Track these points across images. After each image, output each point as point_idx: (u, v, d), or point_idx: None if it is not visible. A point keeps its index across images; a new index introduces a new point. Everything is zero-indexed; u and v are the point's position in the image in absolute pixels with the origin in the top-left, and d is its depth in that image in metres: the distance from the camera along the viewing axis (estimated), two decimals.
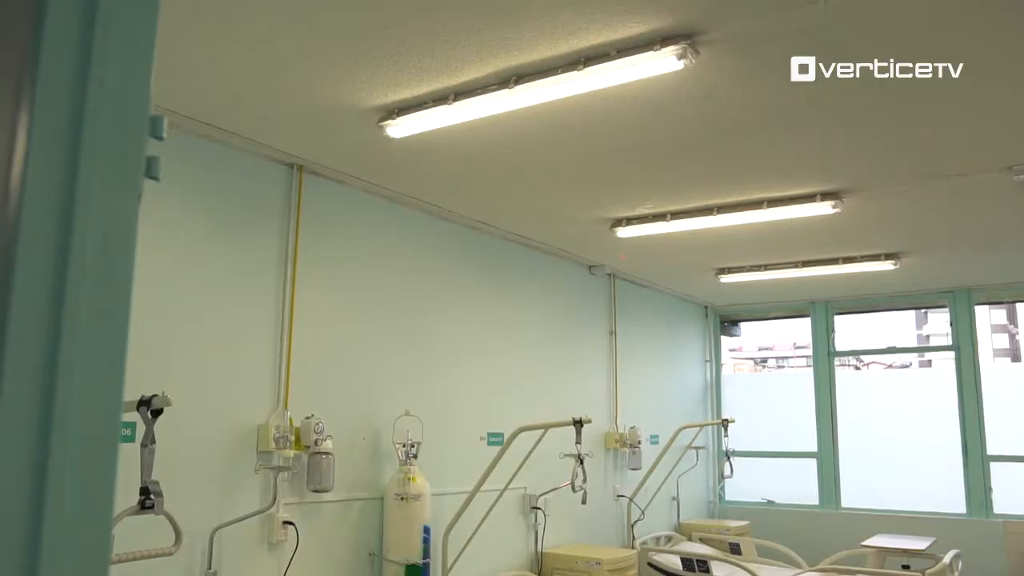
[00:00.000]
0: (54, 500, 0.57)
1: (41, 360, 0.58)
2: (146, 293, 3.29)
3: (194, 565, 3.39)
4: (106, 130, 0.65)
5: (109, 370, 0.63)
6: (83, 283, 0.62)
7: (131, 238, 0.67)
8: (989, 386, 7.09)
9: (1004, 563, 6.66)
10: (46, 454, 0.57)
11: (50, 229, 0.61)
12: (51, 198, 0.61)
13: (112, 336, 0.64)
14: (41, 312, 0.59)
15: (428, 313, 4.77)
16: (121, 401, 0.63)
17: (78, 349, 0.60)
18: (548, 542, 5.51)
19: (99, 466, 0.61)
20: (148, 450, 2.68)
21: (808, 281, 6.82)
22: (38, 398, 0.57)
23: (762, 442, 8.01)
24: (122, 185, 0.66)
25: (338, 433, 3.99)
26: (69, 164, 0.63)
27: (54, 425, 0.58)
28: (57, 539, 0.56)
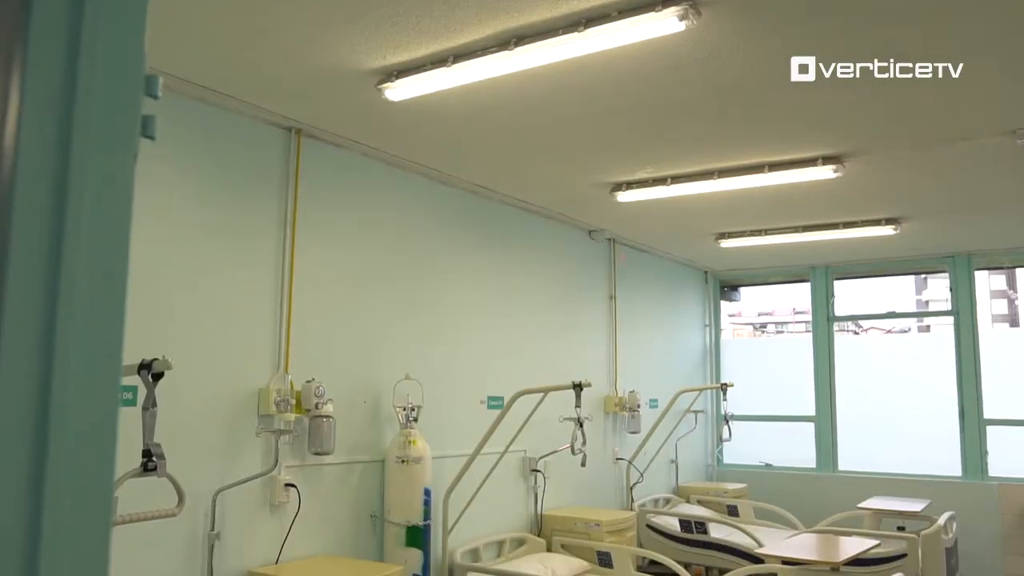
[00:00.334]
0: (55, 464, 0.57)
1: (39, 324, 0.58)
2: (146, 258, 3.29)
3: (197, 527, 3.43)
4: (100, 88, 0.64)
5: (108, 332, 0.63)
6: (80, 244, 0.62)
7: (128, 197, 0.67)
8: (987, 351, 7.12)
9: (998, 525, 6.74)
10: (46, 417, 0.57)
11: (45, 189, 0.61)
12: (46, 157, 0.61)
13: (110, 297, 0.64)
14: (38, 275, 0.59)
15: (428, 277, 4.77)
16: (120, 364, 0.64)
17: (76, 311, 0.60)
18: (548, 504, 5.57)
19: (99, 429, 0.61)
20: (149, 413, 2.70)
21: (808, 246, 6.81)
22: (36, 362, 0.58)
23: (760, 406, 8.06)
24: (118, 144, 0.66)
25: (338, 397, 4.01)
26: (63, 123, 0.62)
27: (53, 389, 0.58)
28: (59, 501, 0.57)
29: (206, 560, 3.44)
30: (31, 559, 0.55)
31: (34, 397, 0.57)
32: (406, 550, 4.13)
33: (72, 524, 0.58)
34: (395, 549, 4.14)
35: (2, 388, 0.55)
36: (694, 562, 5.84)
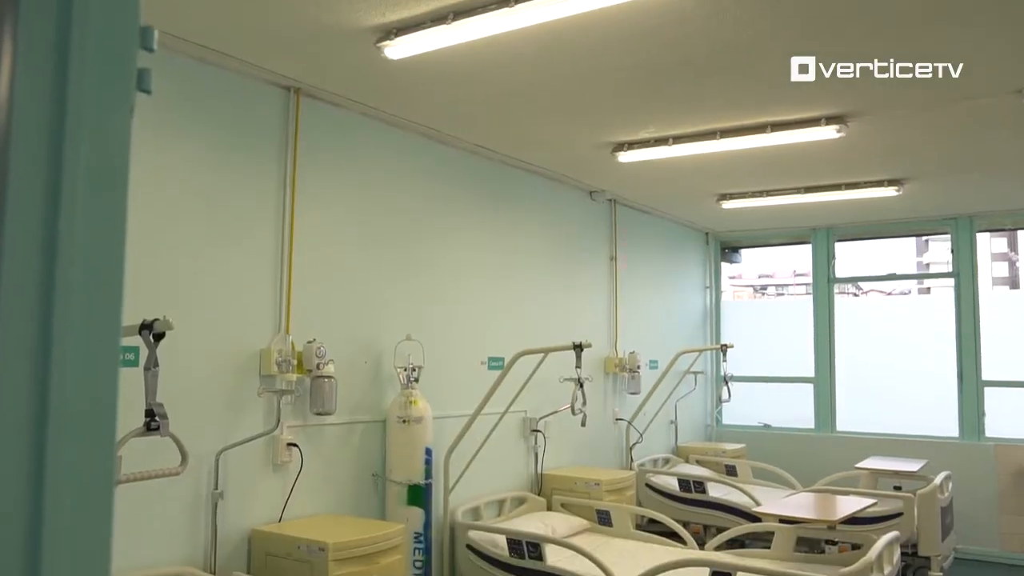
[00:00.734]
0: (57, 422, 0.57)
1: (37, 283, 0.58)
2: (146, 219, 3.28)
3: (201, 485, 3.46)
4: (95, 41, 0.63)
5: (107, 289, 0.63)
6: (77, 200, 0.61)
7: (125, 152, 0.66)
8: (987, 313, 7.13)
9: (994, 484, 6.80)
10: (47, 377, 0.57)
11: (42, 143, 0.60)
12: (41, 113, 0.60)
13: (109, 253, 0.64)
14: (35, 233, 0.58)
15: (428, 238, 4.76)
16: (119, 322, 0.63)
17: (75, 270, 0.60)
18: (548, 464, 5.62)
19: (100, 387, 0.61)
20: (151, 373, 2.71)
21: (810, 207, 6.78)
22: (36, 322, 0.57)
23: (760, 368, 8.09)
24: (114, 98, 0.65)
25: (339, 357, 4.02)
26: (58, 78, 0.61)
27: (53, 349, 0.58)
28: (61, 459, 0.57)
29: (210, 518, 3.48)
30: (34, 518, 0.55)
31: (34, 358, 0.57)
32: (408, 508, 4.17)
33: (75, 483, 0.58)
34: (397, 508, 4.19)
35: (2, 349, 0.55)
36: (692, 521, 5.90)
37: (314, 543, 3.41)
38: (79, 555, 0.57)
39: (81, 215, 0.61)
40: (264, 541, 3.60)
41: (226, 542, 3.55)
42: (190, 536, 3.43)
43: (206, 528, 3.47)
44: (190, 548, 3.42)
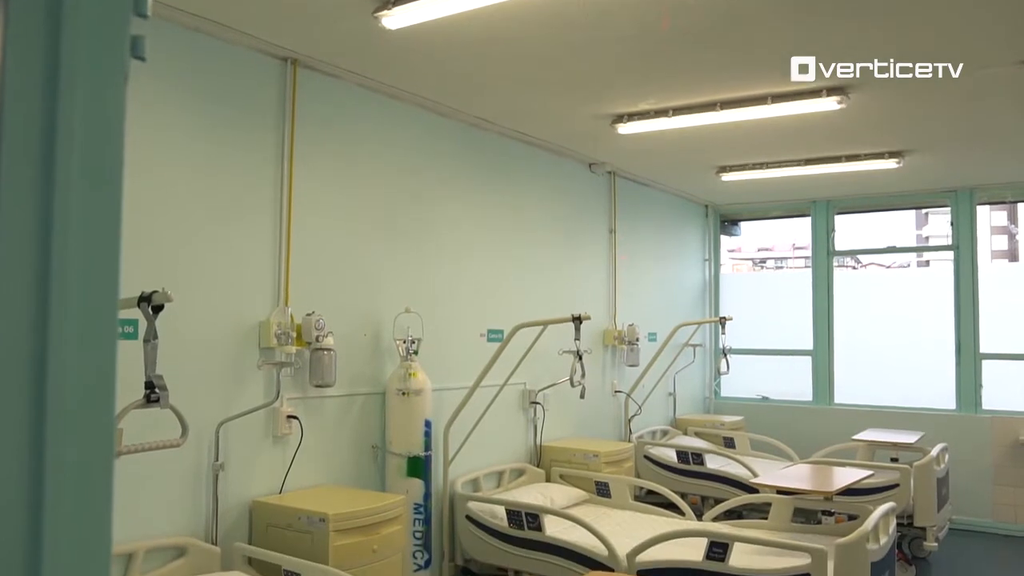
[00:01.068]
0: (56, 395, 0.57)
1: (33, 253, 0.57)
2: (142, 192, 3.27)
3: (202, 457, 3.48)
4: (88, 6, 0.62)
5: (104, 259, 0.62)
6: (72, 168, 0.60)
7: (119, 120, 0.65)
8: (986, 286, 7.13)
9: (990, 456, 6.85)
10: (45, 349, 0.57)
11: (35, 111, 0.59)
12: (33, 78, 0.59)
13: (106, 221, 0.63)
14: (31, 203, 0.58)
15: (427, 211, 4.75)
16: (117, 292, 0.62)
17: (71, 240, 0.59)
18: (547, 436, 5.65)
19: (99, 358, 0.61)
20: (151, 345, 2.71)
21: (810, 179, 6.76)
22: (33, 293, 0.57)
23: (759, 340, 8.11)
24: (107, 65, 0.64)
25: (339, 330, 4.03)
26: (51, 42, 0.60)
27: (51, 321, 0.57)
28: (61, 432, 0.57)
29: (211, 490, 3.50)
30: (35, 491, 0.55)
31: (32, 329, 0.57)
32: (407, 480, 4.20)
33: (75, 454, 0.57)
34: (397, 479, 4.21)
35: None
36: (690, 492, 5.95)
37: (315, 514, 3.44)
38: (80, 526, 0.57)
39: (76, 184, 0.60)
40: (265, 512, 3.63)
41: (227, 513, 3.58)
42: (192, 507, 3.45)
43: (207, 499, 3.50)
44: (192, 519, 3.44)
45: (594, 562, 4.07)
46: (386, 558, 3.62)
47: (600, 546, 4.08)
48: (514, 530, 4.42)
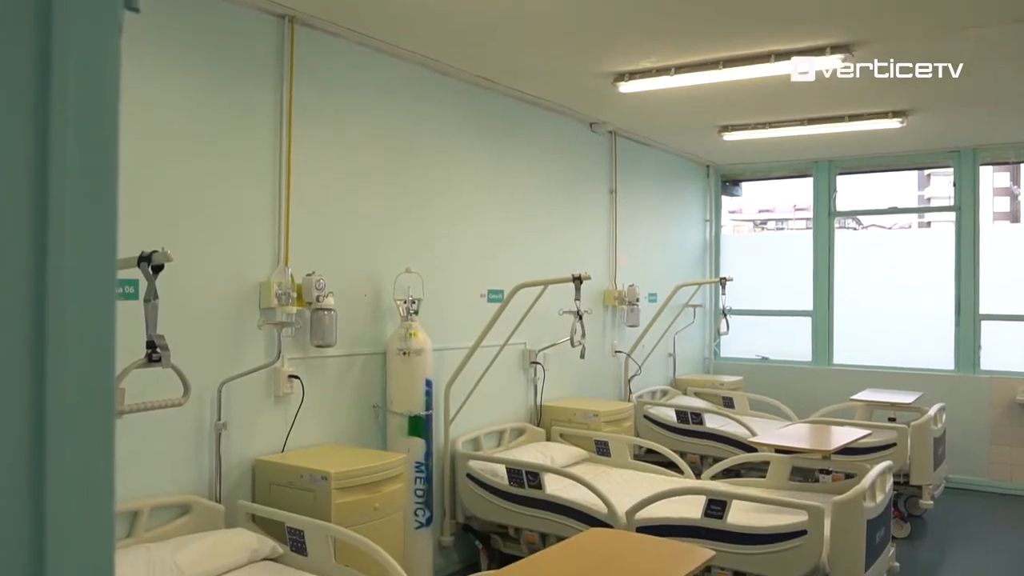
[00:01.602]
0: (55, 352, 0.56)
1: (29, 212, 0.56)
2: (140, 153, 3.24)
3: (204, 417, 3.50)
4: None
5: (101, 215, 0.61)
6: (67, 126, 0.59)
7: (114, 74, 0.64)
8: (987, 247, 7.13)
9: (987, 416, 6.90)
10: (43, 309, 0.56)
11: (26, 61, 0.58)
12: (25, 28, 0.58)
13: (102, 179, 0.62)
14: (24, 159, 0.57)
15: (428, 170, 4.72)
16: (115, 250, 0.62)
17: (67, 199, 0.58)
18: (547, 395, 5.68)
19: (97, 316, 0.60)
20: (151, 305, 2.71)
21: (812, 139, 6.71)
22: (29, 252, 0.56)
23: (759, 301, 8.12)
24: (100, 16, 0.63)
25: (339, 290, 4.03)
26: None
27: (48, 280, 0.57)
28: (61, 390, 0.56)
29: (214, 449, 3.53)
30: (36, 450, 0.55)
31: (29, 289, 0.56)
32: (408, 439, 4.23)
33: (75, 413, 0.57)
34: (398, 438, 4.25)
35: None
36: (689, 451, 5.99)
37: (317, 472, 3.47)
38: (82, 486, 0.57)
39: (71, 141, 0.59)
40: (267, 470, 3.66)
41: (230, 472, 3.61)
42: (195, 466, 3.48)
43: (210, 458, 3.53)
44: (195, 478, 3.48)
45: (594, 519, 4.12)
46: (388, 515, 3.67)
47: (600, 504, 4.13)
48: (515, 488, 4.46)
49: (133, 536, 3.18)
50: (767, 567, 3.73)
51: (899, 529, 5.41)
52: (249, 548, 3.22)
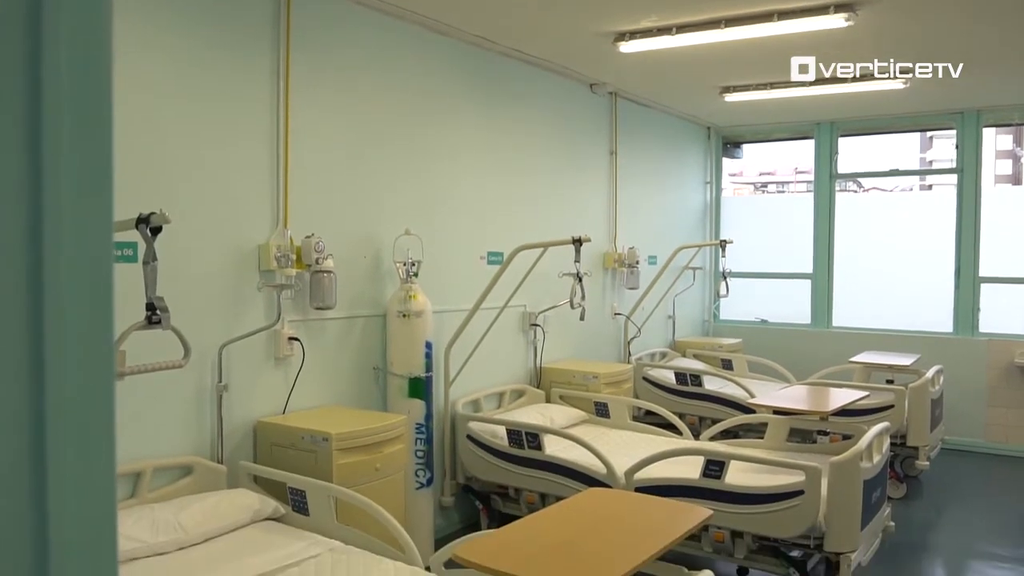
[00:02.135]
0: (53, 314, 0.56)
1: (22, 172, 0.56)
2: (137, 117, 3.21)
3: (205, 379, 3.52)
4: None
5: (96, 178, 0.60)
6: (59, 88, 0.58)
7: (107, 33, 0.63)
8: (988, 209, 7.10)
9: (984, 378, 6.93)
10: (39, 267, 0.56)
11: (16, 20, 0.57)
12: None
13: (97, 140, 0.61)
14: (16, 120, 0.56)
15: (426, 132, 4.69)
16: (111, 216, 0.61)
17: (62, 161, 0.57)
18: (547, 357, 5.70)
19: (95, 276, 0.60)
20: (150, 267, 2.70)
21: (814, 100, 6.65)
22: (23, 214, 0.55)
23: (758, 264, 8.12)
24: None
25: (338, 252, 4.02)
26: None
27: (44, 239, 0.56)
28: (60, 352, 0.56)
29: (215, 411, 3.54)
30: (36, 411, 0.55)
31: (25, 249, 0.56)
32: (409, 401, 4.25)
33: (74, 375, 0.57)
34: (398, 400, 4.27)
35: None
36: (688, 413, 6.03)
37: (318, 433, 3.49)
38: (83, 446, 0.57)
39: (64, 101, 0.58)
40: (269, 432, 3.69)
41: (232, 433, 3.63)
42: (197, 428, 3.50)
43: (212, 420, 3.55)
44: (197, 439, 3.50)
45: (593, 480, 4.16)
46: (389, 476, 3.70)
47: (599, 464, 4.17)
48: (514, 449, 4.50)
49: (136, 497, 3.21)
50: (764, 526, 3.78)
51: (895, 489, 5.47)
52: (251, 508, 3.25)
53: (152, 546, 2.89)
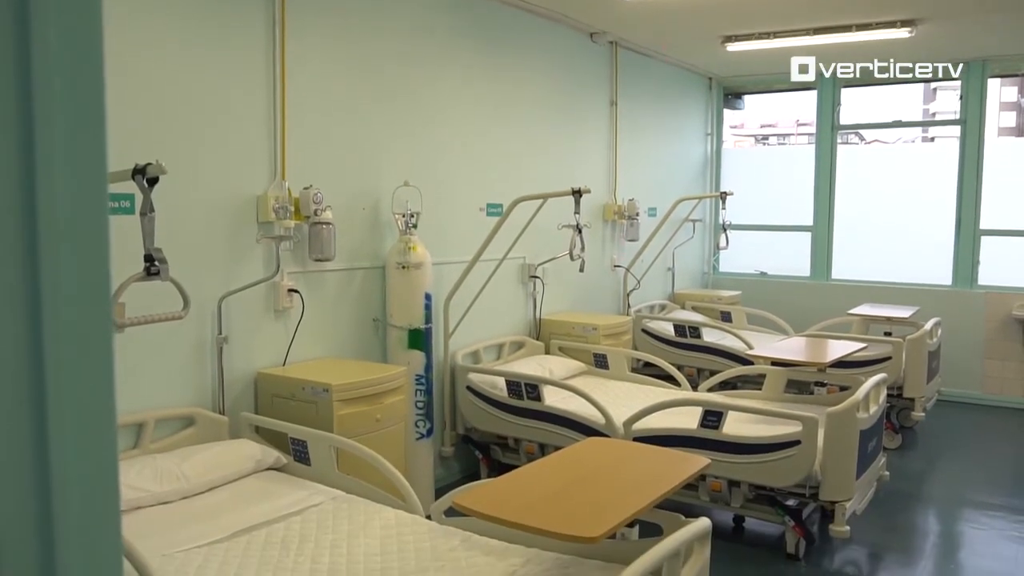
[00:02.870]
0: (49, 268, 0.55)
1: (14, 123, 0.55)
2: (133, 66, 3.17)
3: (205, 331, 3.52)
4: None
5: (89, 127, 0.59)
6: (49, 37, 0.56)
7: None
8: (991, 161, 7.05)
9: (982, 331, 6.96)
10: (34, 228, 0.55)
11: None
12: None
13: (88, 88, 0.60)
14: (6, 72, 0.55)
15: (425, 82, 4.63)
16: (105, 166, 0.60)
17: (53, 110, 0.56)
18: (546, 309, 5.71)
19: (90, 226, 0.59)
20: (148, 218, 2.68)
21: (817, 50, 6.55)
22: (16, 172, 0.55)
23: (759, 216, 8.09)
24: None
25: (337, 204, 4.00)
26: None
27: (39, 193, 0.55)
28: (56, 304, 0.56)
29: (216, 362, 3.56)
30: (35, 362, 0.55)
31: (19, 200, 0.55)
32: (408, 352, 4.27)
33: (72, 326, 0.57)
34: (398, 351, 4.28)
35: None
36: (687, 364, 6.07)
37: (318, 384, 3.51)
38: (82, 397, 0.57)
39: (55, 49, 0.57)
40: (269, 383, 3.71)
41: (233, 385, 3.65)
42: (198, 379, 3.52)
43: (213, 372, 3.56)
44: (199, 390, 3.52)
45: (591, 430, 4.19)
46: (389, 427, 3.73)
47: (598, 415, 4.20)
48: (514, 400, 4.53)
49: (139, 447, 3.24)
50: (760, 475, 3.82)
51: (890, 440, 5.52)
52: (254, 458, 3.29)
53: (156, 495, 2.93)
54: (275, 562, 2.62)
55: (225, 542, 2.72)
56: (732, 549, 4.04)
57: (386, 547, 2.73)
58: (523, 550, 2.68)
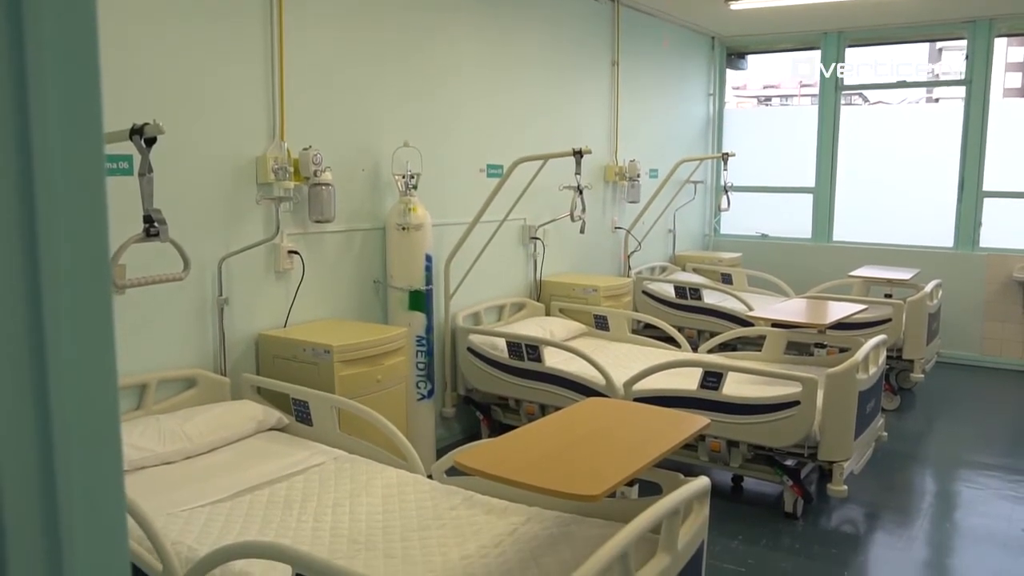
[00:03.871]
0: (46, 228, 0.55)
1: (9, 90, 0.53)
2: (129, 26, 3.12)
3: (205, 292, 3.52)
4: None
5: (83, 86, 0.58)
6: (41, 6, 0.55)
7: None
8: (995, 122, 6.99)
9: (982, 293, 6.95)
10: (31, 188, 0.54)
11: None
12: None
13: (82, 46, 0.58)
14: (1, 32, 0.53)
15: (424, 42, 4.57)
16: (101, 125, 0.59)
17: (47, 69, 0.55)
18: (547, 271, 5.70)
19: (88, 193, 0.58)
20: (146, 179, 2.67)
21: (821, 8, 6.47)
22: (12, 132, 0.54)
23: (760, 178, 8.04)
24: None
25: (337, 165, 3.97)
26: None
27: (35, 158, 0.54)
28: (55, 267, 0.55)
29: (217, 323, 3.57)
30: (35, 324, 0.54)
31: (14, 161, 0.54)
32: (409, 313, 4.27)
33: (71, 288, 0.56)
34: (399, 313, 4.29)
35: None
36: (687, 326, 6.07)
37: (320, 345, 3.52)
38: (83, 361, 0.57)
39: (48, 8, 0.55)
40: (271, 344, 3.71)
41: (234, 346, 3.66)
42: (199, 340, 3.53)
43: (214, 333, 3.57)
44: (200, 352, 3.53)
45: (592, 391, 4.21)
46: (390, 388, 3.75)
47: (598, 375, 4.21)
48: (515, 361, 4.54)
49: (142, 408, 3.26)
50: (760, 436, 3.85)
51: (889, 401, 5.55)
52: (255, 419, 3.31)
53: (160, 455, 2.95)
54: (278, 521, 2.64)
55: (228, 501, 2.75)
56: (731, 508, 4.08)
57: (388, 506, 2.76)
58: (524, 509, 2.70)
